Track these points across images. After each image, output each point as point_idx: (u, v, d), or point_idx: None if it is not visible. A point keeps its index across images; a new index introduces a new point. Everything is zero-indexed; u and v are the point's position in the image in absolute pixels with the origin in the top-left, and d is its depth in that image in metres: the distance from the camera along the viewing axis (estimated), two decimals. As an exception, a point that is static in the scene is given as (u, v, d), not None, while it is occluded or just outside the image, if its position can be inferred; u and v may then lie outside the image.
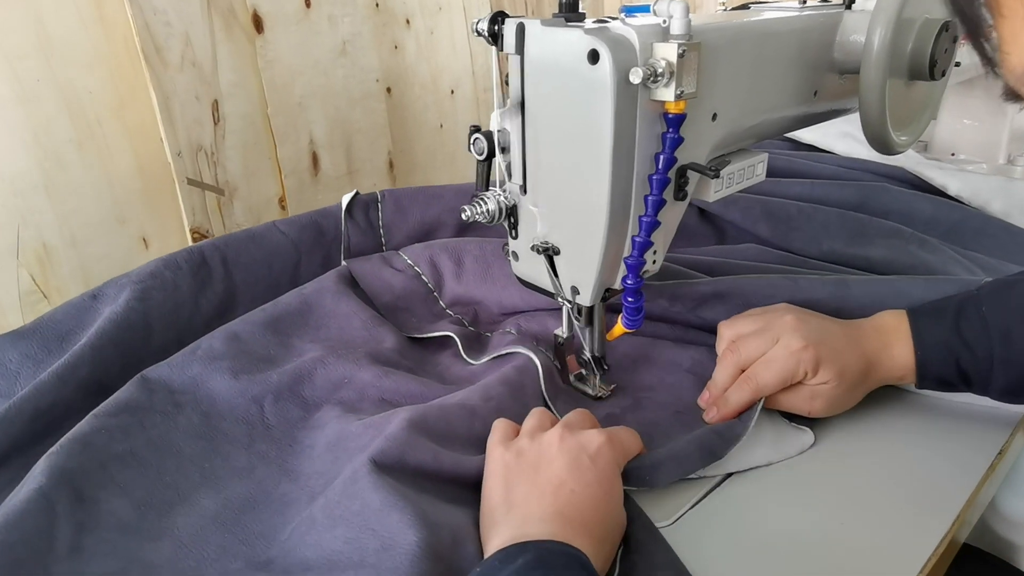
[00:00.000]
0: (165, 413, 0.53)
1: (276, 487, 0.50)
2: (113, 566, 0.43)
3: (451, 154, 1.21)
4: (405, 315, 0.69)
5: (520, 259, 0.56)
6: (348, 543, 0.42)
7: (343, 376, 0.58)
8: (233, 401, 0.55)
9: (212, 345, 0.58)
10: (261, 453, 0.53)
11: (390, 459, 0.46)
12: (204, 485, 0.49)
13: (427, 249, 0.74)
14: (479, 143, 0.54)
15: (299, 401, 0.56)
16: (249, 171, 0.96)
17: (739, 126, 0.54)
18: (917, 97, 0.59)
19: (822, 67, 0.58)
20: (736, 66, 0.51)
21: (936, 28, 0.53)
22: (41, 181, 0.82)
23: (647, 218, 0.47)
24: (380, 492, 0.44)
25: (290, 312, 0.64)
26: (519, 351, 0.61)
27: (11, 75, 0.78)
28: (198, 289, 0.65)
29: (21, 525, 0.42)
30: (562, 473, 0.44)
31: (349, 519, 0.43)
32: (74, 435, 0.48)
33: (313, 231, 0.75)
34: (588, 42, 0.44)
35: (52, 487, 0.44)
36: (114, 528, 0.45)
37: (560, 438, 0.46)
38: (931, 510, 0.49)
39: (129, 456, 0.49)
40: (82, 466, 0.46)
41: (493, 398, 0.55)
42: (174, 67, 0.87)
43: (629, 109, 0.45)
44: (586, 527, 0.42)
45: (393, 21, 1.09)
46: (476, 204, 0.53)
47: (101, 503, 0.46)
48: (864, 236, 0.78)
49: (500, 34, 0.49)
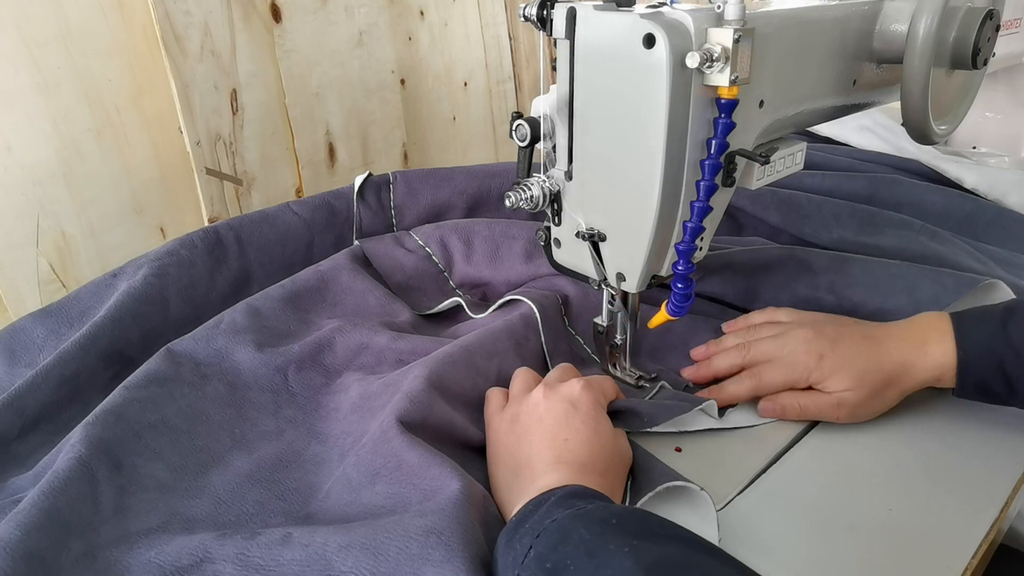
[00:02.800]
0: (192, 384, 0.54)
1: (307, 448, 0.52)
2: (156, 521, 0.45)
3: (464, 146, 1.21)
4: (416, 294, 0.71)
5: (562, 246, 0.56)
6: (390, 498, 0.44)
7: (361, 343, 0.60)
8: (258, 371, 0.57)
9: (235, 319, 0.59)
10: (288, 418, 0.54)
11: (415, 419, 0.49)
12: (236, 448, 0.51)
13: (437, 230, 0.75)
14: (521, 129, 0.53)
15: (321, 369, 0.58)
16: (267, 161, 0.95)
17: (783, 114, 0.54)
18: (957, 86, 0.59)
19: (861, 56, 0.58)
20: (782, 54, 0.51)
21: (980, 16, 0.53)
22: (60, 170, 0.81)
23: (699, 203, 0.47)
24: (415, 450, 0.46)
25: (308, 288, 0.65)
26: (519, 298, 0.63)
27: (31, 63, 0.77)
28: (213, 266, 0.67)
29: (66, 491, 0.43)
30: (553, 427, 0.48)
31: (388, 476, 0.45)
32: (107, 407, 0.50)
33: (326, 211, 0.76)
34: (644, 26, 0.44)
35: (91, 456, 0.46)
36: (154, 488, 0.47)
37: (544, 396, 0.50)
38: (977, 499, 0.49)
39: (161, 424, 0.51)
40: (117, 436, 0.48)
41: (497, 355, 0.58)
42: (193, 56, 0.87)
43: (683, 94, 0.45)
44: (586, 466, 0.46)
45: (407, 12, 1.08)
46: (520, 190, 0.53)
47: (139, 468, 0.48)
48: (874, 226, 0.78)
49: (549, 19, 0.49)
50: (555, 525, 0.39)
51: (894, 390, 0.55)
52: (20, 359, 0.61)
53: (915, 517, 0.48)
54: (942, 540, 0.46)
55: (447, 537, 0.39)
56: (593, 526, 0.38)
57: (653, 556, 0.35)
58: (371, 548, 0.40)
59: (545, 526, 0.39)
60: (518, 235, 0.73)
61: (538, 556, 0.38)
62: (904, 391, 0.56)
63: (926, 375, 0.54)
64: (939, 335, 0.54)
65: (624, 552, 0.35)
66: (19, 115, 0.77)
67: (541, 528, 0.39)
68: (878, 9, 0.58)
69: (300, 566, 0.40)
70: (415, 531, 0.40)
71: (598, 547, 0.36)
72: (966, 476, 0.52)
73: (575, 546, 0.37)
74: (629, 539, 0.36)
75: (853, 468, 0.53)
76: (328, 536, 0.41)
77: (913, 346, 0.55)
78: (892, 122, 1.00)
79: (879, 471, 0.52)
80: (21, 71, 0.76)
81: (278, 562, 0.40)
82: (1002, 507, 0.49)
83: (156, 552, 0.42)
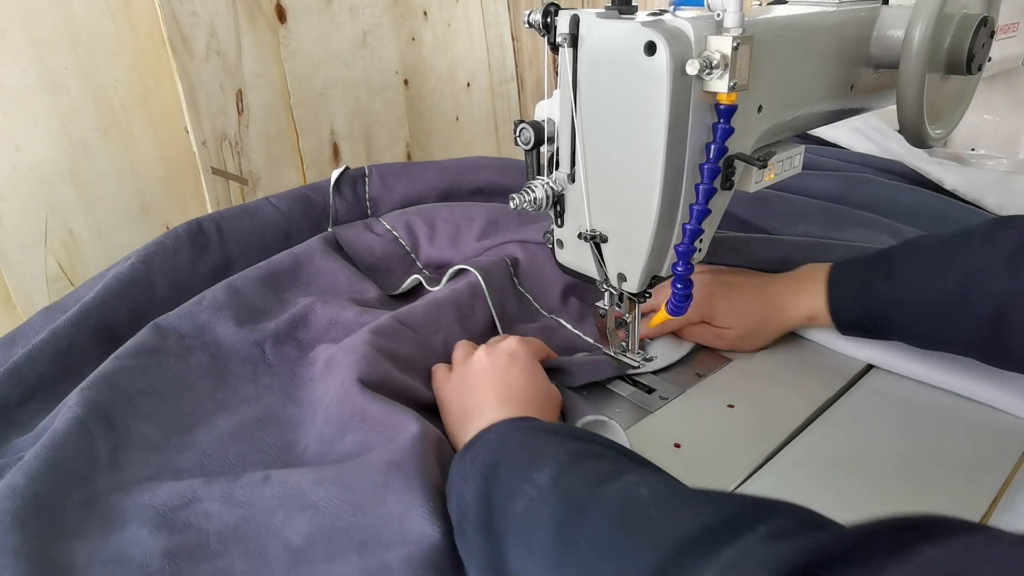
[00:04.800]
0: (178, 355, 0.59)
1: (283, 410, 0.57)
2: (148, 473, 0.50)
3: (467, 146, 1.22)
4: (385, 275, 0.76)
5: (565, 247, 0.57)
6: (358, 446, 0.50)
7: (331, 318, 0.65)
8: (237, 344, 0.62)
9: (216, 296, 0.64)
10: (266, 385, 0.60)
11: (373, 380, 0.55)
12: (218, 411, 0.56)
13: (403, 215, 0.80)
14: (525, 133, 0.54)
15: (295, 343, 0.64)
16: (272, 161, 0.97)
17: (781, 119, 0.55)
18: (952, 91, 0.60)
19: (858, 61, 0.59)
20: (781, 60, 0.52)
21: (975, 23, 0.54)
22: (67, 169, 0.82)
23: (698, 206, 0.48)
24: (376, 403, 0.52)
25: (283, 270, 0.70)
26: (467, 268, 0.69)
27: (39, 63, 0.78)
28: (196, 255, 0.71)
29: (66, 445, 0.48)
30: (496, 376, 0.54)
31: (354, 427, 0.51)
32: (100, 374, 0.55)
33: (303, 203, 0.80)
34: (646, 34, 0.45)
35: (87, 416, 0.51)
36: (144, 446, 0.52)
37: (485, 354, 0.57)
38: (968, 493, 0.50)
39: (150, 390, 0.56)
40: (110, 400, 0.53)
41: (442, 329, 0.64)
42: (200, 57, 0.88)
43: (682, 100, 0.46)
44: (527, 404, 0.53)
45: (411, 13, 1.09)
46: (524, 193, 0.54)
47: (131, 428, 0.53)
48: (840, 223, 0.81)
49: (553, 25, 0.50)
50: (498, 435, 0.46)
51: (770, 328, 0.66)
52: (18, 344, 0.64)
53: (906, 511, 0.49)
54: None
55: (406, 469, 0.46)
56: (529, 431, 0.45)
57: (576, 447, 0.42)
58: (340, 481, 0.46)
59: (490, 438, 0.46)
60: (477, 216, 0.78)
61: (482, 459, 0.44)
62: (780, 329, 0.67)
63: (799, 314, 0.64)
64: (812, 283, 0.63)
65: (553, 444, 0.42)
66: (27, 115, 0.78)
67: (487, 439, 0.46)
68: (875, 15, 0.59)
69: (279, 500, 0.46)
70: (378, 465, 0.46)
71: (531, 441, 0.44)
72: (957, 471, 0.53)
73: (512, 444, 0.44)
74: (558, 438, 0.44)
75: (846, 464, 0.54)
76: (303, 475, 0.47)
77: (789, 291, 0.65)
78: (883, 124, 1.02)
79: (871, 467, 0.53)
80: (29, 71, 0.77)
81: (259, 497, 0.46)
82: (991, 501, 0.50)
83: (150, 496, 0.47)
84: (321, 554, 0.43)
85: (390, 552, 0.42)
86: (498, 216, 0.78)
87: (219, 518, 0.45)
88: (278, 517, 0.45)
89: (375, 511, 0.44)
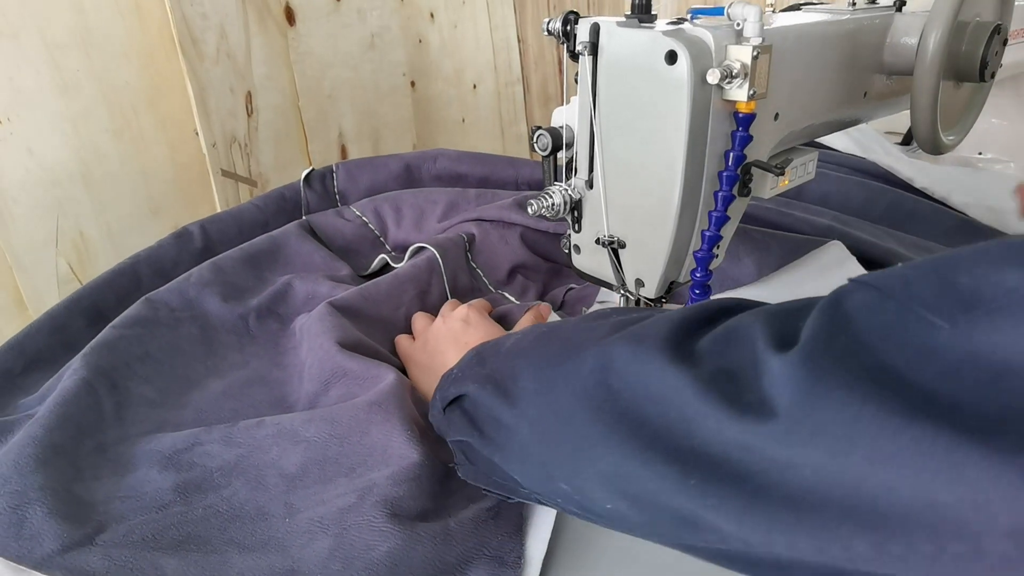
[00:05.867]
0: (169, 325, 0.64)
1: (269, 373, 0.62)
2: (150, 427, 0.55)
3: (473, 147, 1.22)
4: (356, 256, 0.81)
5: (582, 252, 0.57)
6: (342, 397, 0.55)
7: (308, 293, 0.70)
8: (223, 317, 0.67)
9: (202, 274, 0.69)
10: (252, 352, 0.65)
11: (349, 343, 0.60)
12: (209, 375, 0.61)
13: (371, 202, 0.85)
14: (543, 139, 0.55)
15: (276, 317, 0.69)
16: (281, 163, 0.97)
17: (797, 126, 0.55)
18: (965, 98, 0.61)
19: (872, 68, 0.59)
20: (797, 67, 0.52)
21: (988, 31, 0.55)
22: (79, 171, 0.82)
23: (717, 213, 0.48)
24: (354, 360, 0.57)
25: (263, 251, 0.76)
26: (425, 246, 0.74)
27: (52, 66, 0.78)
28: (180, 247, 0.76)
29: (76, 402, 0.53)
30: (455, 340, 0.59)
31: (337, 382, 0.56)
32: (100, 341, 0.59)
33: (277, 199, 0.85)
34: (667, 43, 0.45)
35: (92, 377, 0.55)
36: (145, 404, 0.57)
37: (443, 322, 0.62)
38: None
39: (146, 356, 0.60)
40: (111, 363, 0.58)
41: (403, 304, 0.70)
42: (210, 59, 0.88)
43: (702, 108, 0.47)
44: None
45: (418, 15, 1.09)
46: (542, 198, 0.54)
47: (132, 389, 0.57)
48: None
49: (573, 33, 0.50)
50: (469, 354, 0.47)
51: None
52: None
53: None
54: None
55: (386, 406, 0.52)
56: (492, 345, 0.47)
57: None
58: (328, 419, 0.51)
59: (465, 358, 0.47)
60: (439, 199, 0.84)
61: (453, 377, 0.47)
62: None
63: None
64: None
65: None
66: (40, 117, 0.78)
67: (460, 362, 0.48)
68: (889, 22, 0.59)
69: (273, 438, 0.51)
70: (362, 405, 0.52)
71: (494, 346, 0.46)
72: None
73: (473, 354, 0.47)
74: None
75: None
76: (293, 418, 0.53)
77: None
78: (865, 124, 1.05)
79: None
80: (43, 74, 0.77)
81: (255, 438, 0.52)
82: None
83: (156, 443, 0.52)
84: (315, 478, 0.49)
85: (375, 472, 0.48)
86: (458, 199, 0.85)
87: (220, 456, 0.51)
88: (273, 452, 0.51)
89: (360, 441, 0.50)
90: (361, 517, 0.44)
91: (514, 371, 0.40)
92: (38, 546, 0.43)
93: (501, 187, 0.90)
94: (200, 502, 0.47)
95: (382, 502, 0.45)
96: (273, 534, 0.46)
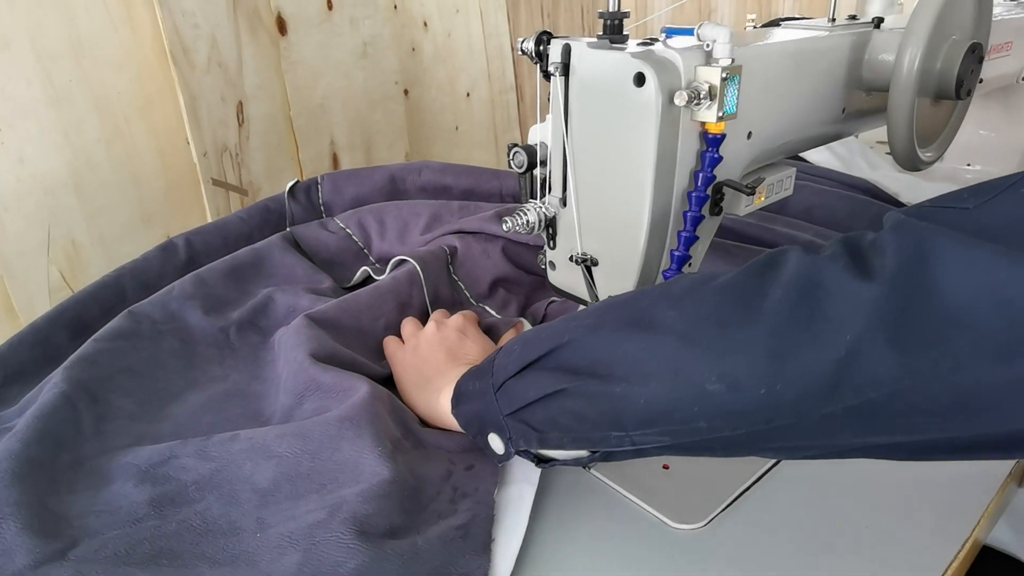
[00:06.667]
0: (151, 339, 0.65)
1: (249, 386, 0.63)
2: (128, 440, 0.55)
3: (466, 156, 1.22)
4: (340, 268, 0.82)
5: (557, 269, 0.58)
6: (315, 411, 0.56)
7: (289, 306, 0.71)
8: (205, 330, 0.67)
9: (184, 287, 0.70)
10: (232, 366, 0.65)
11: (323, 355, 0.60)
12: (189, 388, 0.62)
13: (355, 214, 0.86)
14: (519, 156, 0.55)
15: (257, 330, 0.70)
16: (272, 172, 0.97)
17: (772, 144, 0.55)
18: (942, 115, 0.61)
19: (850, 85, 0.60)
20: (771, 86, 0.53)
21: (963, 49, 0.55)
22: (71, 180, 0.83)
23: (686, 233, 0.49)
24: (328, 373, 0.57)
25: (246, 263, 0.76)
26: (406, 258, 0.74)
27: (44, 76, 0.79)
28: (164, 259, 0.76)
29: (55, 415, 0.54)
30: (450, 350, 0.59)
31: (311, 395, 0.57)
32: (81, 354, 0.60)
33: (262, 211, 0.86)
34: (635, 65, 0.46)
35: (72, 391, 0.56)
36: (125, 418, 0.57)
37: (437, 329, 0.62)
38: (953, 516, 0.51)
39: (127, 370, 0.61)
40: (92, 377, 0.58)
41: (383, 315, 0.70)
42: (201, 69, 0.89)
43: (671, 129, 0.47)
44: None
45: (411, 23, 1.10)
46: (517, 216, 0.55)
47: (112, 402, 0.58)
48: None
49: (545, 53, 0.51)
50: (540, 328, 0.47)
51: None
52: None
53: (891, 535, 0.50)
54: (918, 557, 0.48)
55: (357, 421, 0.52)
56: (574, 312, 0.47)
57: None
58: (300, 434, 0.52)
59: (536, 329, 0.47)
60: (422, 212, 0.84)
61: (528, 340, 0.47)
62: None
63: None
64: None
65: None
66: (32, 126, 0.79)
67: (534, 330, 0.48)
68: (867, 39, 0.59)
69: (246, 453, 0.52)
70: (333, 420, 0.52)
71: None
72: (941, 494, 0.53)
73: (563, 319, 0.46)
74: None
75: (831, 487, 0.54)
76: (266, 432, 0.53)
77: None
78: (850, 138, 1.06)
79: (856, 490, 0.54)
80: (35, 84, 0.78)
81: (229, 452, 0.52)
82: (975, 525, 0.50)
83: (132, 457, 0.52)
84: (286, 494, 0.49)
85: (346, 489, 0.48)
86: (441, 211, 0.85)
87: (195, 470, 0.51)
88: (247, 467, 0.51)
89: (331, 457, 0.51)
90: (330, 533, 0.45)
91: (642, 307, 0.42)
92: (9, 561, 0.43)
93: (486, 199, 0.91)
94: (174, 516, 0.48)
95: (351, 519, 0.46)
96: (244, 549, 0.46)
